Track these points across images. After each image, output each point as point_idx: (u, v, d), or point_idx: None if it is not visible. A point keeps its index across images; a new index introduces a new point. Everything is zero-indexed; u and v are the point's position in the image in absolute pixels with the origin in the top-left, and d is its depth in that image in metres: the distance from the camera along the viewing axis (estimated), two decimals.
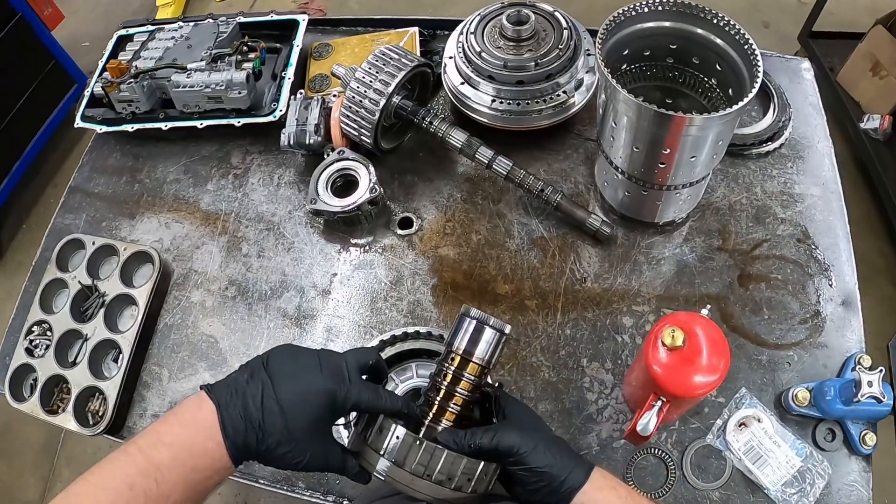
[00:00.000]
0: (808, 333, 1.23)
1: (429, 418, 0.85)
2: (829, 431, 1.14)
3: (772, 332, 1.24)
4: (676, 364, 0.92)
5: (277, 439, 0.76)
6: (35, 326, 1.41)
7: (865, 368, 1.10)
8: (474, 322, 0.85)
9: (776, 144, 1.43)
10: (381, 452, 0.78)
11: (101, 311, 1.38)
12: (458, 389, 0.85)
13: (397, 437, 0.78)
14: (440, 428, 0.84)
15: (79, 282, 1.42)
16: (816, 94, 1.53)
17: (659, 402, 0.96)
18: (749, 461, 1.12)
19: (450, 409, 0.85)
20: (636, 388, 1.10)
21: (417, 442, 0.78)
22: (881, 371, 1.07)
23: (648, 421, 0.95)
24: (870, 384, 1.05)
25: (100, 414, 1.31)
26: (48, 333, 1.40)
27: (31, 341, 1.39)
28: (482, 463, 0.79)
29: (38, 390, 1.33)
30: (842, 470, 1.11)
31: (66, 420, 1.30)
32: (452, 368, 0.85)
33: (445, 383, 0.85)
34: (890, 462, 1.15)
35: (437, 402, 0.85)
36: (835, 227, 1.34)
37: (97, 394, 1.33)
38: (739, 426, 1.14)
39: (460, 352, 0.85)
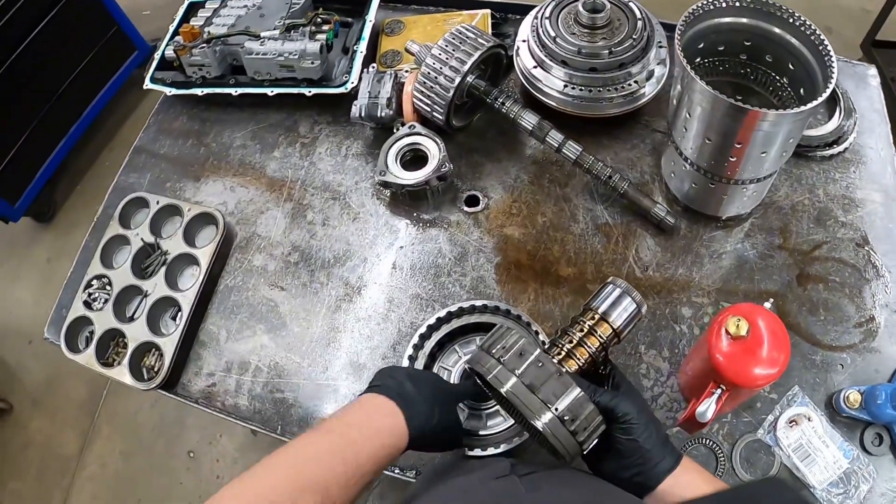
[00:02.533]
0: (862, 337, 1.23)
1: (556, 360, 0.87)
2: (877, 436, 1.14)
3: (827, 333, 1.23)
4: (738, 354, 0.93)
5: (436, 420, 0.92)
6: (94, 280, 1.44)
7: None
8: (618, 290, 0.91)
9: (840, 148, 1.42)
10: (517, 372, 0.79)
11: (163, 269, 1.40)
12: (588, 344, 0.88)
13: (539, 363, 0.80)
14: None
15: (141, 239, 1.45)
16: (881, 101, 1.52)
17: (718, 391, 0.97)
18: (797, 458, 1.12)
19: (574, 358, 0.88)
20: (692, 378, 1.11)
21: (559, 373, 0.79)
22: None
23: (707, 408, 0.96)
24: None
25: (155, 369, 1.33)
26: (107, 288, 1.43)
27: (89, 294, 1.42)
28: (601, 417, 0.80)
29: (95, 343, 1.36)
30: (886, 475, 1.11)
31: (122, 373, 1.32)
32: (588, 324, 0.89)
33: (579, 335, 0.89)
34: None
35: (565, 349, 0.88)
36: (893, 235, 1.33)
37: (153, 349, 1.35)
38: (790, 423, 1.15)
39: (599, 311, 0.90)
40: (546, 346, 0.91)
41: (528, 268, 1.34)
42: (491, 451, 1.04)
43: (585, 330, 0.89)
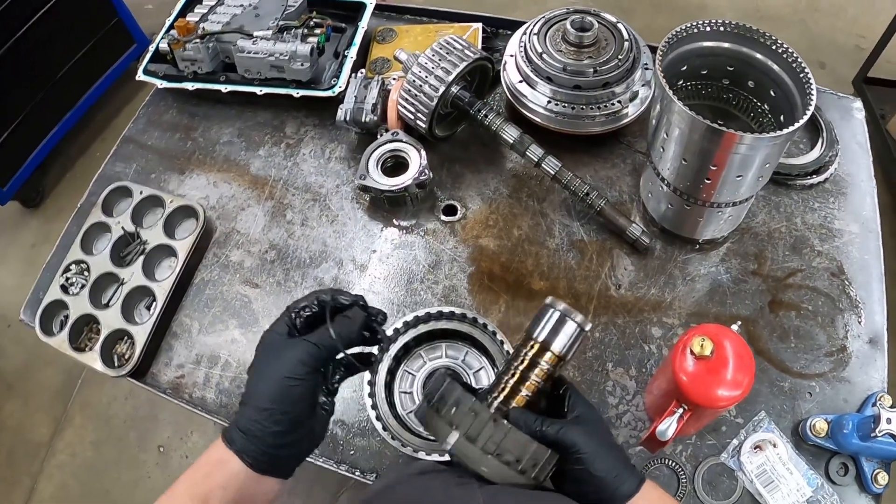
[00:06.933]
0: (832, 366, 1.23)
1: (499, 399, 0.85)
2: (843, 466, 1.14)
3: (797, 361, 1.24)
4: (702, 374, 0.93)
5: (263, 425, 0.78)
6: (73, 265, 1.45)
7: (886, 406, 1.11)
8: (557, 314, 0.85)
9: (821, 178, 1.44)
10: (454, 426, 0.78)
11: (141, 259, 1.41)
12: (532, 375, 0.84)
13: (473, 413, 0.78)
14: (509, 410, 0.83)
15: (122, 227, 1.46)
16: (865, 134, 1.54)
17: (680, 410, 0.96)
18: (760, 484, 1.12)
19: (521, 393, 0.84)
20: (658, 398, 1.11)
21: (493, 420, 0.78)
22: None
23: (668, 427, 0.96)
24: (889, 421, 1.05)
25: (126, 357, 1.34)
26: (85, 273, 1.44)
27: (67, 279, 1.43)
28: (549, 451, 0.78)
29: (69, 327, 1.36)
30: None
31: (93, 359, 1.33)
32: (530, 354, 0.85)
33: (521, 367, 0.85)
34: None
35: (509, 385, 0.85)
36: (870, 266, 1.34)
37: (126, 337, 1.36)
38: (755, 448, 1.15)
39: (539, 340, 0.85)
40: (490, 385, 0.89)
41: (500, 279, 1.35)
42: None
43: (527, 362, 0.85)
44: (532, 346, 0.85)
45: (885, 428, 1.05)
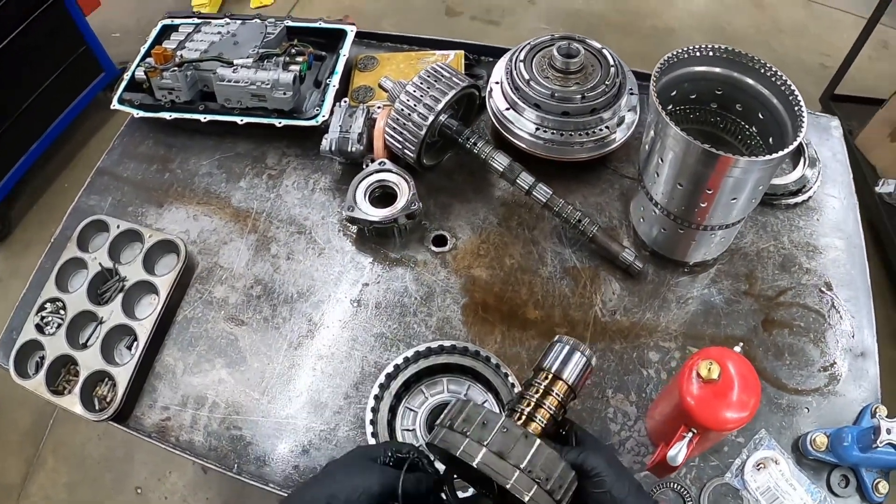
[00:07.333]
0: (827, 381, 1.25)
1: (518, 424, 0.86)
2: (844, 478, 1.16)
3: (792, 377, 1.26)
4: (709, 397, 0.94)
5: None
6: (48, 304, 1.39)
7: (885, 417, 1.13)
8: (567, 347, 0.91)
9: (804, 197, 1.46)
10: (485, 443, 0.79)
11: (120, 296, 1.36)
12: (547, 404, 0.88)
13: (504, 429, 0.79)
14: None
15: (99, 263, 1.41)
16: (844, 152, 1.58)
17: (689, 434, 0.96)
18: (765, 502, 1.13)
19: (536, 420, 0.87)
20: (661, 422, 1.11)
21: (525, 436, 0.79)
22: None
23: (678, 451, 0.96)
24: (889, 431, 1.07)
25: (107, 400, 1.29)
26: (61, 312, 1.38)
27: (42, 318, 1.37)
28: (574, 473, 0.80)
29: (45, 369, 1.31)
30: None
31: (72, 402, 1.27)
32: (544, 384, 0.89)
33: (536, 396, 0.89)
34: None
35: (525, 413, 0.88)
36: (856, 281, 1.37)
37: (106, 379, 1.31)
38: (757, 467, 1.16)
39: (552, 370, 0.90)
40: (506, 413, 0.91)
41: (495, 310, 1.34)
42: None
43: (542, 390, 0.89)
44: (546, 377, 0.90)
45: (885, 438, 1.06)
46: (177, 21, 1.76)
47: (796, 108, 1.13)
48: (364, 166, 1.41)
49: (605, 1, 4.18)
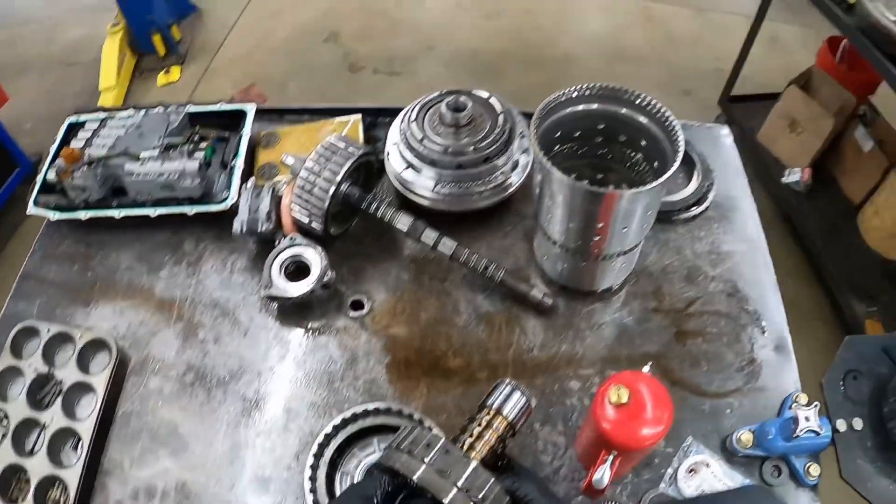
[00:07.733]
0: (745, 380, 1.31)
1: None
2: (775, 468, 1.21)
3: (711, 383, 1.31)
4: (623, 419, 0.99)
5: None
6: None
7: (802, 405, 1.19)
8: (508, 387, 0.99)
9: (702, 208, 1.54)
10: (426, 460, 0.84)
11: (59, 399, 1.36)
12: (488, 435, 0.95)
13: (446, 450, 0.86)
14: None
15: (35, 369, 1.41)
16: (737, 157, 1.67)
17: (611, 457, 1.01)
18: None
19: (476, 449, 0.93)
20: (588, 447, 1.15)
21: (465, 458, 0.86)
22: (817, 406, 1.16)
23: (603, 475, 1.01)
24: (807, 419, 1.13)
25: (61, 503, 1.29)
26: (4, 421, 1.37)
27: None
28: (508, 497, 0.86)
29: None
30: (792, 501, 1.18)
31: None
32: (485, 419, 0.96)
33: (478, 429, 0.95)
34: (834, 485, 1.23)
35: (467, 443, 0.94)
36: (762, 279, 1.45)
37: (57, 483, 1.30)
38: (689, 472, 1.20)
39: (493, 407, 0.97)
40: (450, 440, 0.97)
41: (416, 364, 1.38)
42: None
43: (483, 424, 0.95)
44: (488, 412, 0.97)
45: (804, 426, 1.13)
46: (83, 117, 1.77)
47: (672, 133, 1.20)
48: (276, 243, 1.45)
49: (501, 37, 4.26)
